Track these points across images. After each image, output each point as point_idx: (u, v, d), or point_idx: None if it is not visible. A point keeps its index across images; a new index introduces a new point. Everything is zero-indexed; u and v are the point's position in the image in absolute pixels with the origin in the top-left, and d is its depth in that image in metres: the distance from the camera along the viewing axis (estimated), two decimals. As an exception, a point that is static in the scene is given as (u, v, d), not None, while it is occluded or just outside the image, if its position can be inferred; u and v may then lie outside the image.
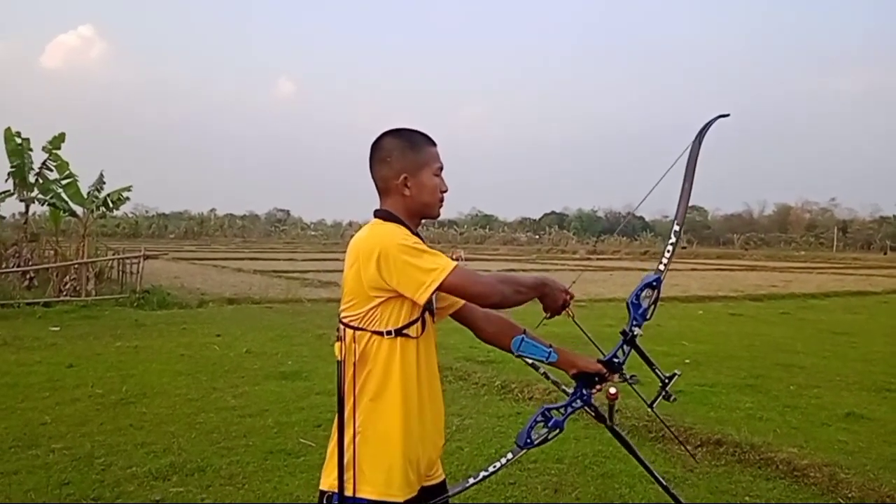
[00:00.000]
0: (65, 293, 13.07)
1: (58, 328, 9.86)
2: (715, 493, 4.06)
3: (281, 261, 28.99)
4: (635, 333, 2.15)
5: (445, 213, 2.17)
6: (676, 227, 2.24)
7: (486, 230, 77.43)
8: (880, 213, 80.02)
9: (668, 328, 10.91)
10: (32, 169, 14.86)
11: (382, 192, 1.95)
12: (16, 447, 4.63)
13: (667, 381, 2.16)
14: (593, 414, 2.21)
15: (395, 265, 1.73)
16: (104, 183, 15.55)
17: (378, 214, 1.93)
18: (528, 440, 2.13)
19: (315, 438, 4.81)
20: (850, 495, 3.97)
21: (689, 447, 4.75)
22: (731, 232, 77.92)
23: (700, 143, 2.24)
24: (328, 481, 1.84)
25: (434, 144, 1.99)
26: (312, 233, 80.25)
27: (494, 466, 2.23)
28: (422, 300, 1.75)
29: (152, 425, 5.19)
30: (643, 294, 2.12)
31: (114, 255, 16.44)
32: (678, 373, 2.19)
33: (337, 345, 1.83)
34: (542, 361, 2.05)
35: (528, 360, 2.07)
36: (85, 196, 15.20)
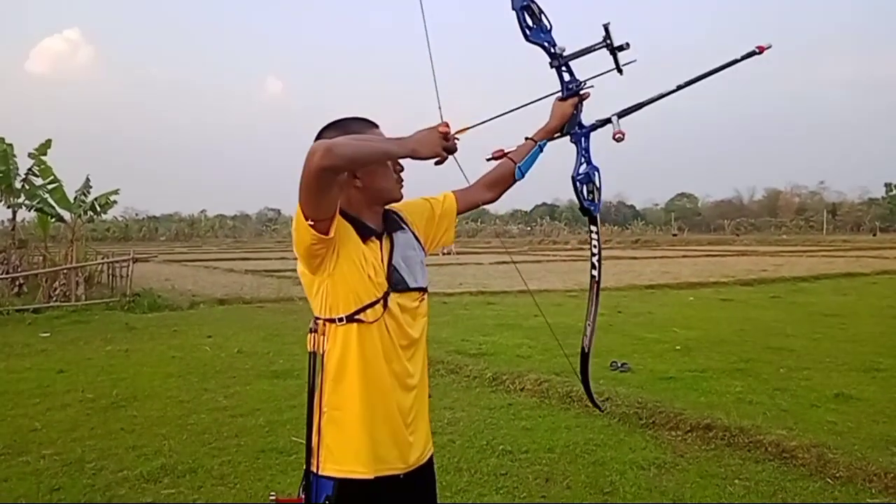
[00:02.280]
0: (54, 299, 13.01)
1: (48, 334, 9.82)
2: (704, 476, 4.08)
3: (272, 260, 28.91)
4: (559, 52, 2.10)
5: (434, 193, 2.15)
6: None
7: (478, 223, 77.44)
8: (869, 195, 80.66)
9: (659, 315, 10.97)
10: (18, 175, 14.78)
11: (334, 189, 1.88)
12: (6, 454, 4.61)
13: (610, 42, 2.06)
14: (599, 125, 2.18)
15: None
16: (91, 187, 15.49)
17: None
18: (591, 204, 2.20)
19: (305, 431, 4.80)
20: (837, 475, 4.00)
21: (678, 433, 4.79)
22: (722, 218, 78.33)
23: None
24: (306, 463, 1.86)
25: (375, 126, 1.93)
26: (304, 231, 79.91)
27: (594, 274, 2.31)
28: (305, 231, 1.72)
29: (143, 428, 5.18)
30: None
31: (103, 259, 16.37)
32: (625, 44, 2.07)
33: (309, 336, 1.84)
34: (542, 153, 2.17)
35: None
36: (72, 201, 15.12)
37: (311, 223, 1.71)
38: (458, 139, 1.85)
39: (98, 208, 15.59)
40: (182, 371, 7.13)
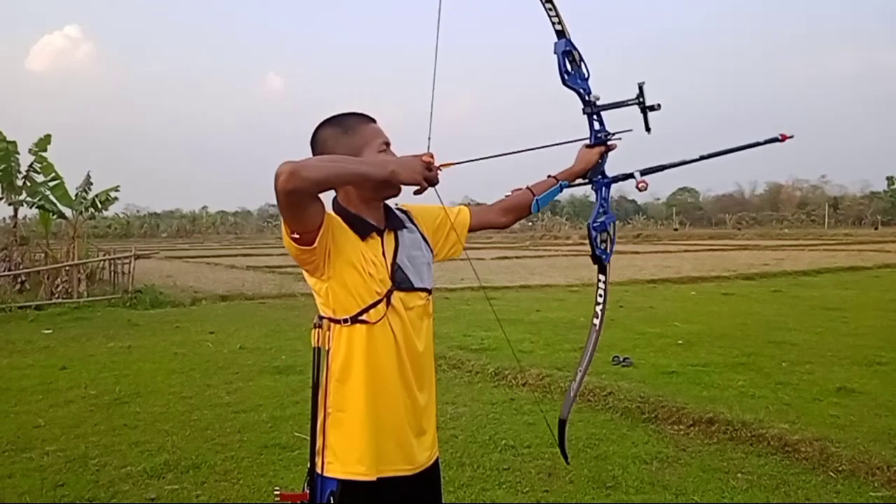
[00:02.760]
0: (56, 295, 13.03)
1: (50, 331, 9.83)
2: (707, 471, 4.08)
3: (274, 256, 28.92)
4: (593, 100, 2.15)
5: (437, 199, 2.14)
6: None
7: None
8: (870, 188, 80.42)
9: (660, 309, 10.97)
10: (20, 172, 14.77)
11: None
12: (9, 450, 4.62)
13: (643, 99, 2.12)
14: (622, 178, 2.25)
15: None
16: (91, 183, 15.49)
17: (333, 209, 1.88)
18: (602, 253, 2.25)
19: (309, 432, 4.81)
20: (840, 468, 4.01)
21: (680, 427, 4.79)
22: (723, 212, 78.17)
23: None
24: (311, 461, 1.86)
25: (372, 121, 1.92)
26: (306, 226, 79.90)
27: (595, 323, 2.33)
28: (290, 239, 1.73)
29: (146, 424, 5.19)
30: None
31: (104, 255, 16.38)
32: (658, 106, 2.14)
33: (313, 332, 1.84)
34: (560, 192, 2.21)
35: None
36: (73, 197, 15.13)
37: (296, 236, 1.71)
38: (440, 170, 1.83)
39: (99, 205, 15.59)
40: (184, 367, 7.14)
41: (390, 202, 1.96)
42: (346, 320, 1.79)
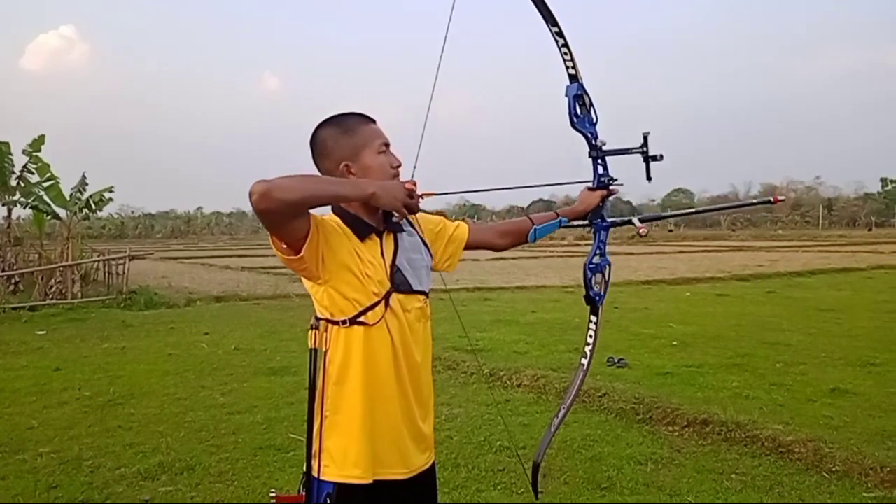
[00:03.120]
0: (50, 296, 12.99)
1: (44, 332, 9.80)
2: (701, 471, 4.09)
3: (269, 257, 28.77)
4: (599, 145, 2.22)
5: (433, 203, 2.13)
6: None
7: (475, 220, 77.46)
8: (864, 189, 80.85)
9: (655, 310, 10.99)
10: (13, 172, 14.72)
11: None
12: (3, 452, 4.60)
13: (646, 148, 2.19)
14: (621, 223, 2.38)
15: None
16: (87, 184, 15.42)
17: (332, 210, 1.88)
18: (596, 295, 2.31)
19: (304, 433, 4.80)
20: (834, 469, 4.02)
21: (675, 428, 4.80)
22: (718, 213, 78.22)
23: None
24: (306, 464, 1.86)
25: (372, 122, 1.91)
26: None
27: (583, 363, 2.37)
28: (278, 250, 1.75)
29: (140, 426, 5.17)
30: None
31: (99, 256, 16.34)
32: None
33: (310, 333, 1.83)
34: (559, 228, 2.26)
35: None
36: (67, 198, 15.07)
37: (284, 245, 1.72)
38: (422, 199, 1.84)
39: (93, 205, 15.52)
40: (179, 368, 7.12)
41: None
42: (343, 322, 1.78)
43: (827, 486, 3.86)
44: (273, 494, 1.90)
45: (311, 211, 1.70)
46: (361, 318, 1.79)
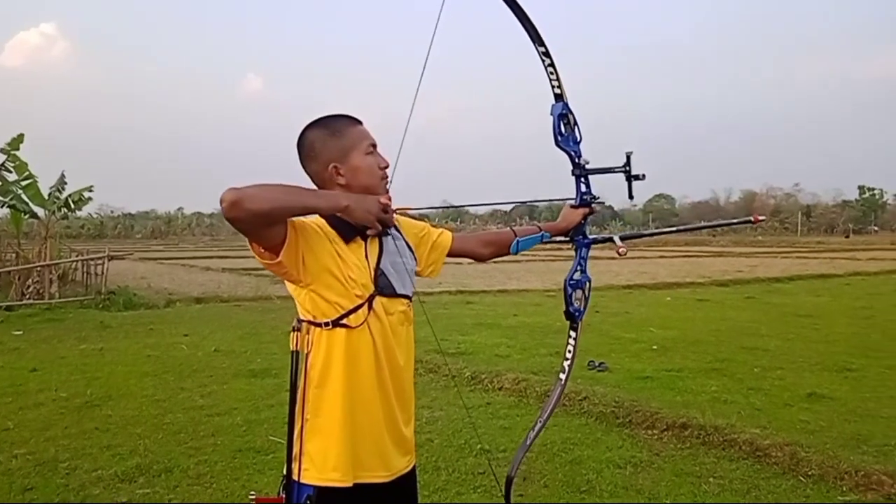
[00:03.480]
0: (27, 296, 12.84)
1: (20, 332, 9.67)
2: (680, 475, 4.12)
3: (250, 258, 28.32)
4: (583, 163, 2.26)
5: (418, 206, 2.16)
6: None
7: (458, 223, 77.46)
8: (842, 197, 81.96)
9: (636, 315, 11.06)
10: (-9, 171, 14.52)
11: (319, 187, 1.88)
12: (-23, 454, 4.54)
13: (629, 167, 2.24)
14: (602, 241, 2.41)
15: None
16: (66, 183, 15.25)
17: None
18: (576, 310, 2.32)
19: (284, 435, 4.78)
20: (809, 473, 4.06)
21: (654, 432, 4.84)
22: (699, 219, 78.89)
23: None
24: (286, 467, 1.85)
25: (359, 123, 1.92)
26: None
27: (561, 378, 2.41)
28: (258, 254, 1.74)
29: (118, 427, 5.12)
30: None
31: (77, 256, 16.16)
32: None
33: (291, 335, 1.83)
34: (540, 243, 2.28)
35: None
36: (46, 197, 14.89)
37: (262, 250, 1.71)
38: (396, 214, 1.85)
39: (72, 205, 15.36)
40: (158, 370, 7.06)
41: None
42: (326, 324, 1.78)
43: (803, 490, 3.90)
44: (253, 497, 1.89)
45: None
46: (344, 321, 1.78)
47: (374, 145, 1.91)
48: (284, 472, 1.86)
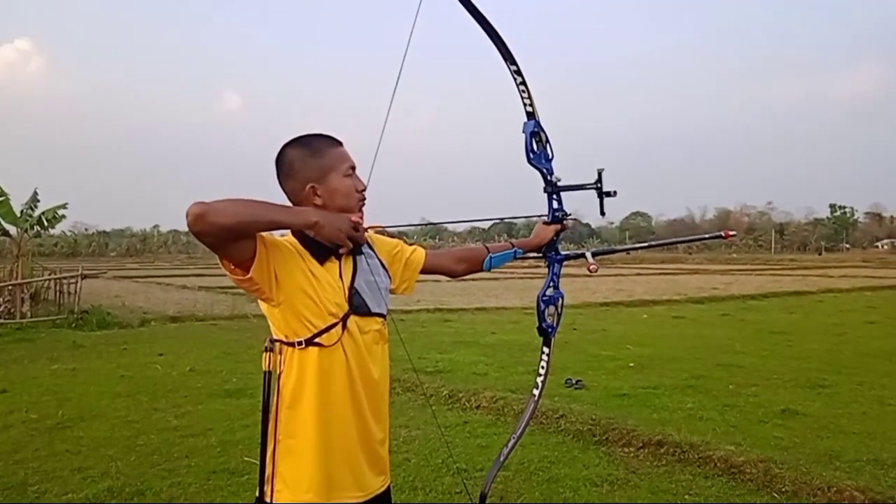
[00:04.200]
0: (-2, 316, 12.60)
1: (-10, 352, 9.49)
2: (656, 493, 4.14)
3: (227, 276, 28.41)
4: (555, 180, 2.29)
5: (393, 223, 2.18)
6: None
7: (437, 240, 77.49)
8: (815, 215, 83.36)
9: (613, 332, 11.12)
10: (-38, 188, 14.31)
11: (295, 205, 1.86)
12: (-57, 478, 4.43)
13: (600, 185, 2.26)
14: (574, 256, 2.44)
15: None
16: (38, 201, 15.08)
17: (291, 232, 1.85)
18: (549, 326, 2.37)
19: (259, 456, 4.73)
20: (783, 489, 4.10)
21: (630, 449, 4.86)
22: (674, 236, 79.73)
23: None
24: (259, 489, 1.84)
25: (339, 144, 1.91)
26: (260, 247, 78.93)
27: (535, 394, 2.45)
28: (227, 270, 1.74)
29: (89, 450, 5.03)
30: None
31: (50, 275, 15.93)
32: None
33: (264, 355, 1.82)
34: (513, 259, 2.30)
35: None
36: (18, 215, 14.70)
37: (232, 266, 1.71)
38: (367, 232, 1.86)
39: (45, 223, 15.18)
40: (131, 390, 6.96)
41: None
42: (299, 343, 1.77)
43: (777, 506, 3.93)
44: None
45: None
46: (317, 340, 1.78)
47: (354, 167, 1.91)
48: (258, 494, 1.85)
